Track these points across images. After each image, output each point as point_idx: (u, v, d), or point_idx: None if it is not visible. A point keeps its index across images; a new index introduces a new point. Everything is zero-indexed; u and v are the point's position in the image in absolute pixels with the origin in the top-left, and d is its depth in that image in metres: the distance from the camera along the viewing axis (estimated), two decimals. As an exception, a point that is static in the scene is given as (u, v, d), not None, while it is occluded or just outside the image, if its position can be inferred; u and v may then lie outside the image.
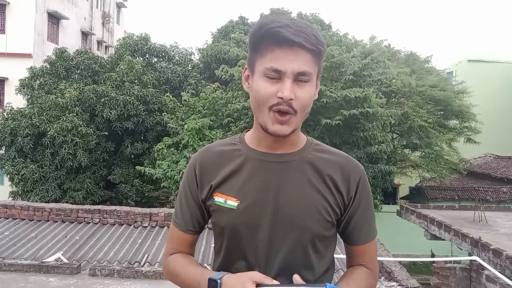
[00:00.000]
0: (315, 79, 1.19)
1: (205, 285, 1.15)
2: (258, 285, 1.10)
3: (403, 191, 22.61)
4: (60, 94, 14.97)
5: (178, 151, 13.25)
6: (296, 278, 1.15)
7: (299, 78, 1.13)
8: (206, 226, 1.37)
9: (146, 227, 7.48)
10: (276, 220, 1.21)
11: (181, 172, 12.02)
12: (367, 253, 1.32)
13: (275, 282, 1.11)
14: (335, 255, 1.37)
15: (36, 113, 14.38)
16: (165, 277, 1.36)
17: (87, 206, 8.21)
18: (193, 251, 1.37)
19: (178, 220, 1.33)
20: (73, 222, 7.58)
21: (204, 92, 14.47)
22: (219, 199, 1.24)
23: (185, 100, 14.01)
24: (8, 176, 14.67)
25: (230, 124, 13.41)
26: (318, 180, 1.24)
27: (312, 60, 1.14)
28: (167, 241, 1.38)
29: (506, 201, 19.07)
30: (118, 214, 7.63)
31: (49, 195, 13.88)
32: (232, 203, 1.22)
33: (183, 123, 13.49)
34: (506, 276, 7.16)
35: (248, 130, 1.33)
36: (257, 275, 1.12)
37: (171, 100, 14.87)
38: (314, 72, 1.16)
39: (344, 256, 1.39)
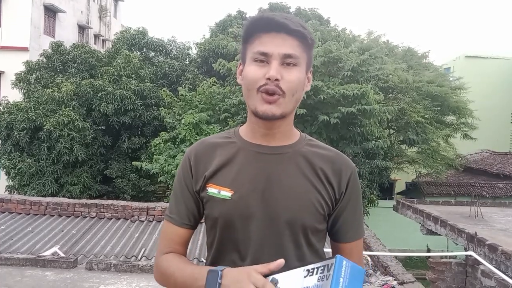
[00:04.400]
0: (304, 65, 1.22)
1: (203, 279, 1.11)
2: (267, 275, 1.08)
3: (399, 187, 22.67)
4: (56, 88, 14.91)
5: (175, 146, 13.23)
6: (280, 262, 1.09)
7: (286, 61, 1.18)
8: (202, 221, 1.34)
9: (143, 221, 7.49)
10: (270, 211, 1.21)
11: (178, 167, 12.01)
12: (354, 252, 1.31)
13: (277, 263, 1.08)
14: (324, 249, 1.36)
15: (32, 107, 14.32)
16: (156, 278, 1.30)
17: (84, 200, 8.21)
18: (187, 250, 1.33)
19: (172, 214, 1.31)
20: (69, 216, 7.57)
21: (201, 87, 14.44)
22: (212, 190, 1.24)
23: (182, 95, 13.98)
24: (5, 170, 14.62)
25: (228, 119, 13.39)
26: (311, 172, 1.25)
27: (299, 46, 1.19)
28: (160, 239, 1.35)
29: (502, 197, 19.15)
30: (115, 209, 7.62)
31: (46, 189, 13.84)
32: (226, 193, 1.22)
33: (180, 117, 13.47)
34: (501, 271, 7.20)
35: (243, 124, 1.34)
36: (259, 267, 1.07)
37: (167, 95, 14.84)
38: (301, 57, 1.20)
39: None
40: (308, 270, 1.07)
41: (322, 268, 1.04)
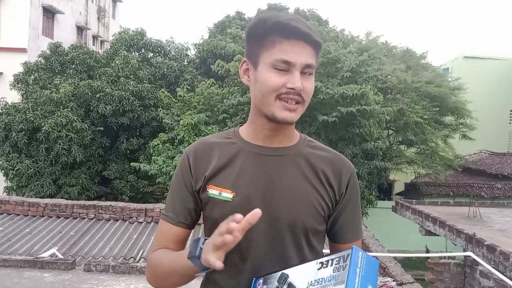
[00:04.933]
0: (314, 72, 1.24)
1: (186, 253, 1.10)
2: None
3: (398, 187, 22.68)
4: (54, 89, 14.89)
5: (174, 147, 13.22)
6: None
7: (305, 70, 1.18)
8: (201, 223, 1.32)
9: (142, 222, 7.47)
10: (271, 213, 1.21)
11: (176, 166, 12.00)
12: None
13: (253, 212, 1.03)
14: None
15: (30, 108, 14.30)
16: (147, 277, 1.27)
17: (82, 202, 8.18)
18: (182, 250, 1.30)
19: (168, 213, 1.29)
20: (68, 218, 7.56)
21: (200, 88, 14.43)
22: (213, 191, 1.23)
23: (180, 96, 13.97)
24: (3, 171, 14.60)
25: (226, 120, 13.39)
26: (312, 174, 1.25)
27: (314, 55, 1.20)
28: (155, 238, 1.33)
29: (500, 197, 19.16)
30: (113, 210, 7.61)
31: (44, 191, 13.82)
32: (227, 195, 1.21)
33: (179, 118, 13.46)
34: (500, 272, 7.20)
35: (242, 125, 1.34)
36: (237, 216, 1.03)
37: (166, 96, 14.82)
38: (315, 65, 1.21)
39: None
40: (321, 263, 1.08)
41: (338, 259, 1.05)
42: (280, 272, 1.13)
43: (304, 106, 1.20)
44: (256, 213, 1.03)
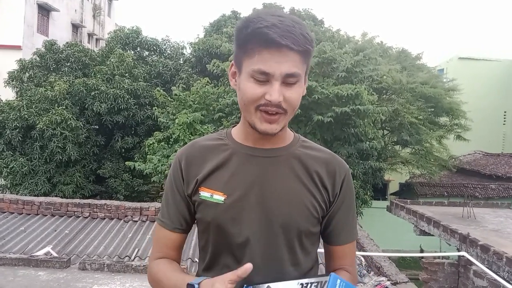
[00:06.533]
0: (303, 76, 1.17)
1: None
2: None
3: (393, 187, 22.76)
4: (49, 87, 14.80)
5: (169, 146, 13.19)
6: None
7: (288, 80, 1.11)
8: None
9: (136, 221, 7.46)
10: (263, 215, 1.20)
11: (169, 170, 11.96)
12: (347, 255, 1.31)
13: (244, 268, 1.07)
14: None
15: (25, 105, 14.20)
16: (148, 281, 1.31)
17: (77, 200, 8.15)
18: (180, 255, 1.33)
19: (164, 219, 1.29)
20: (62, 216, 7.53)
21: (195, 87, 14.40)
22: (205, 193, 1.22)
23: (175, 95, 13.94)
24: (-3, 169, 14.50)
25: (222, 119, 13.38)
26: (305, 175, 1.24)
27: (301, 60, 1.12)
28: (153, 243, 1.34)
29: (494, 198, 19.27)
30: (108, 208, 7.59)
31: (38, 189, 13.74)
32: (219, 197, 1.20)
33: (174, 117, 13.42)
34: (493, 271, 7.25)
35: (235, 125, 1.32)
36: (229, 275, 1.06)
37: (161, 94, 14.79)
38: (302, 72, 1.14)
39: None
40: (302, 284, 1.09)
41: (316, 284, 1.07)
42: (266, 285, 1.12)
43: (287, 115, 1.15)
44: (247, 268, 1.05)
